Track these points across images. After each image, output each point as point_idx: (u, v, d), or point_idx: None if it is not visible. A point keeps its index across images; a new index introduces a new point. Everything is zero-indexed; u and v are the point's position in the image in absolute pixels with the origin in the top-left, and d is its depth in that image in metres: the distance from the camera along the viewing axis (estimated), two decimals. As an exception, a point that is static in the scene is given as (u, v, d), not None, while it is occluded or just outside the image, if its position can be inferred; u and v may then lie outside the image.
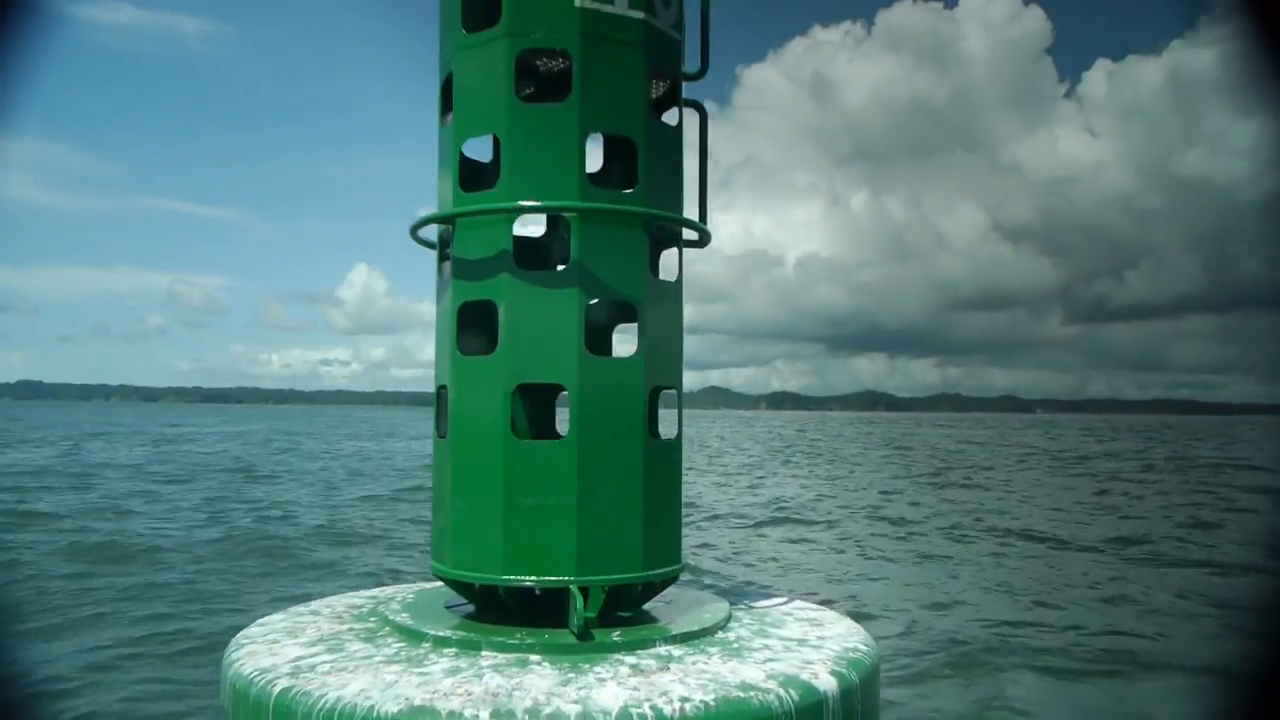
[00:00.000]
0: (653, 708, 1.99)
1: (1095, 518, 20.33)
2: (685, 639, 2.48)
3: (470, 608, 2.71)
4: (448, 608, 2.76)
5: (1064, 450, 51.33)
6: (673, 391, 2.79)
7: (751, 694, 2.09)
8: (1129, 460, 44.12)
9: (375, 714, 2.00)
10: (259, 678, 2.23)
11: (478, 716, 1.96)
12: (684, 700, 2.03)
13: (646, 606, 2.74)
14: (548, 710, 1.96)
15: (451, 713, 1.98)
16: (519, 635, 2.44)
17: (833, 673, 2.30)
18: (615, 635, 2.45)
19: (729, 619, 2.71)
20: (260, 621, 2.72)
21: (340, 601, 2.98)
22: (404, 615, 2.67)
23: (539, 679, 2.16)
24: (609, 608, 2.55)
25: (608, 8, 2.60)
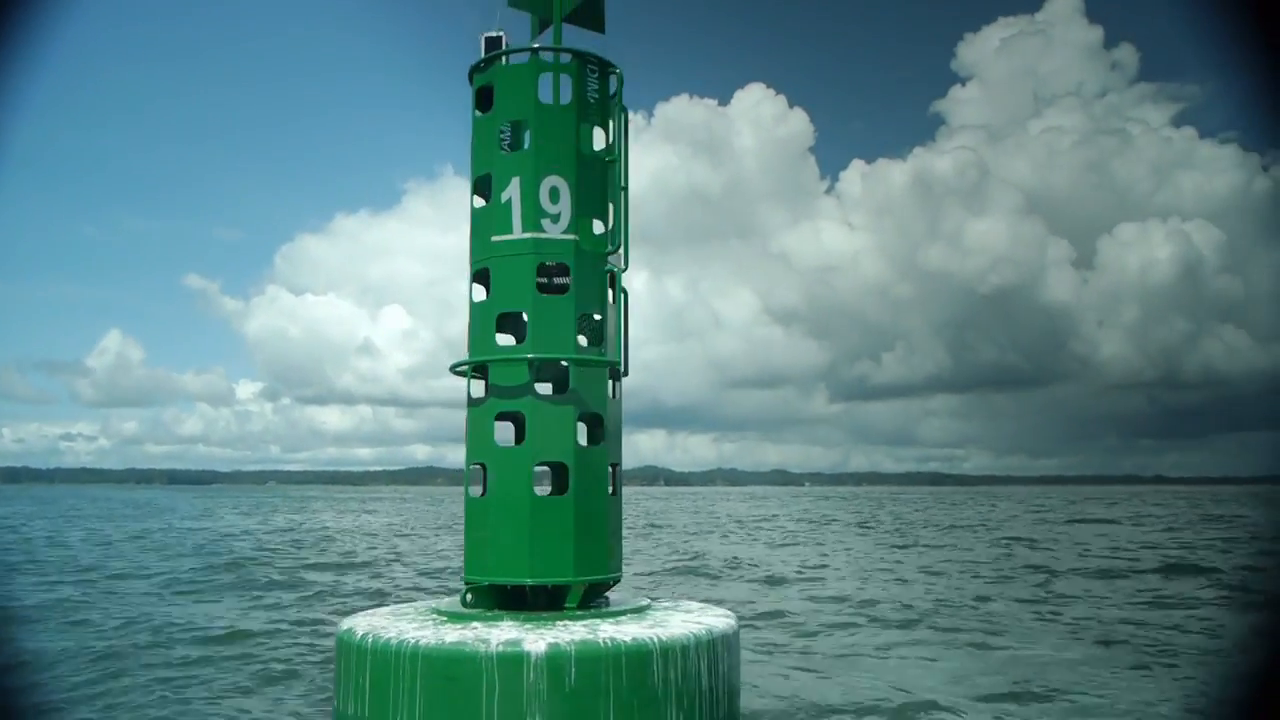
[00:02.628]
0: (580, 640, 4.75)
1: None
2: (619, 614, 5.46)
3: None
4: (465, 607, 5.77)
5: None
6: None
7: (629, 636, 4.92)
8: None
9: (422, 644, 4.78)
10: (353, 632, 5.24)
11: (488, 641, 4.74)
12: (614, 638, 4.81)
13: (611, 596, 6.08)
14: (532, 639, 4.75)
15: (479, 640, 4.74)
16: (523, 615, 5.31)
17: (692, 632, 5.16)
18: (579, 611, 5.43)
19: (649, 608, 5.74)
20: (350, 618, 5.70)
21: (389, 609, 5.94)
22: (444, 603, 5.83)
23: (531, 630, 4.92)
24: (586, 597, 5.67)
25: (588, 243, 5.52)
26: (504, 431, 5.80)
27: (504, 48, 5.73)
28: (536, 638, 4.80)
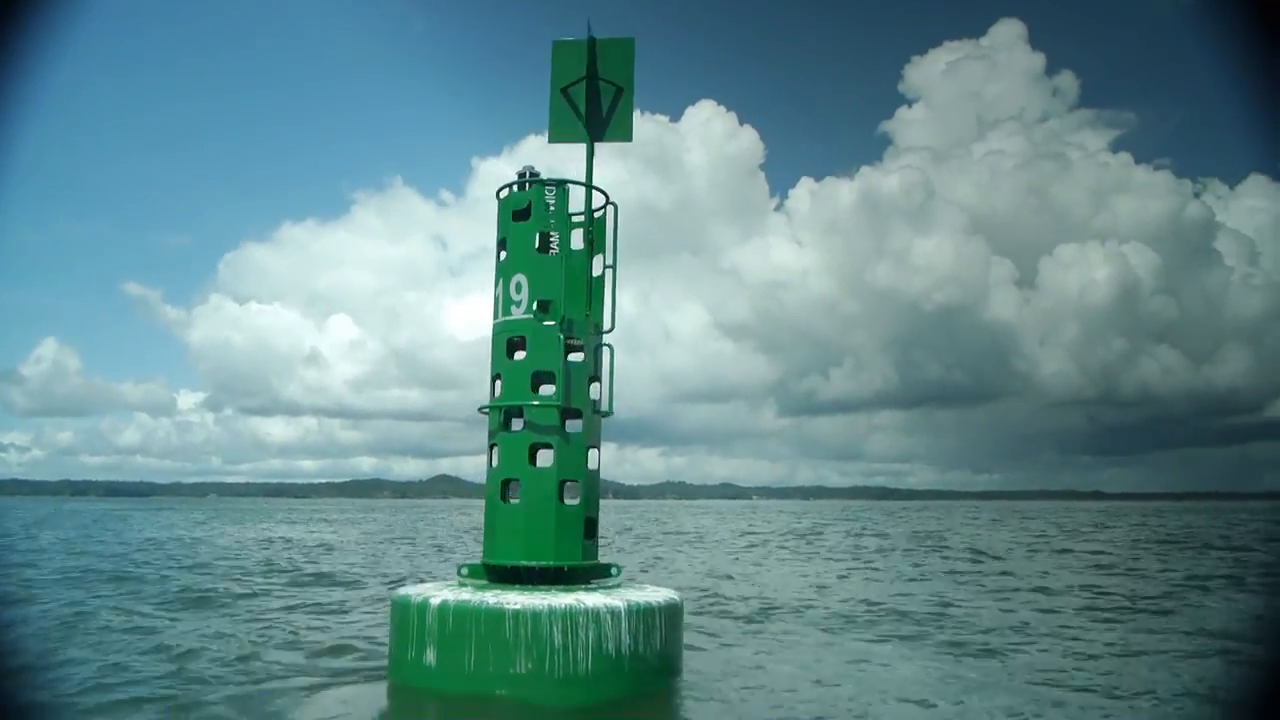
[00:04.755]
0: (571, 605, 6.32)
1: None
2: (598, 590, 6.82)
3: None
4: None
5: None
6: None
7: (627, 603, 6.51)
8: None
9: (453, 602, 6.44)
10: (406, 597, 6.73)
11: (521, 603, 6.29)
12: (599, 605, 6.39)
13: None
14: (537, 602, 6.32)
15: (499, 603, 6.32)
16: (529, 587, 6.75)
17: (666, 599, 6.89)
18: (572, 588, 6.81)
19: (619, 587, 7.04)
20: (401, 588, 7.12)
21: (430, 583, 7.28)
22: (466, 575, 7.44)
23: (542, 596, 6.41)
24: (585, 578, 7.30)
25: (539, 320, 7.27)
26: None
27: (526, 177, 7.62)
28: (540, 599, 6.42)
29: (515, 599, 6.45)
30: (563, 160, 8.55)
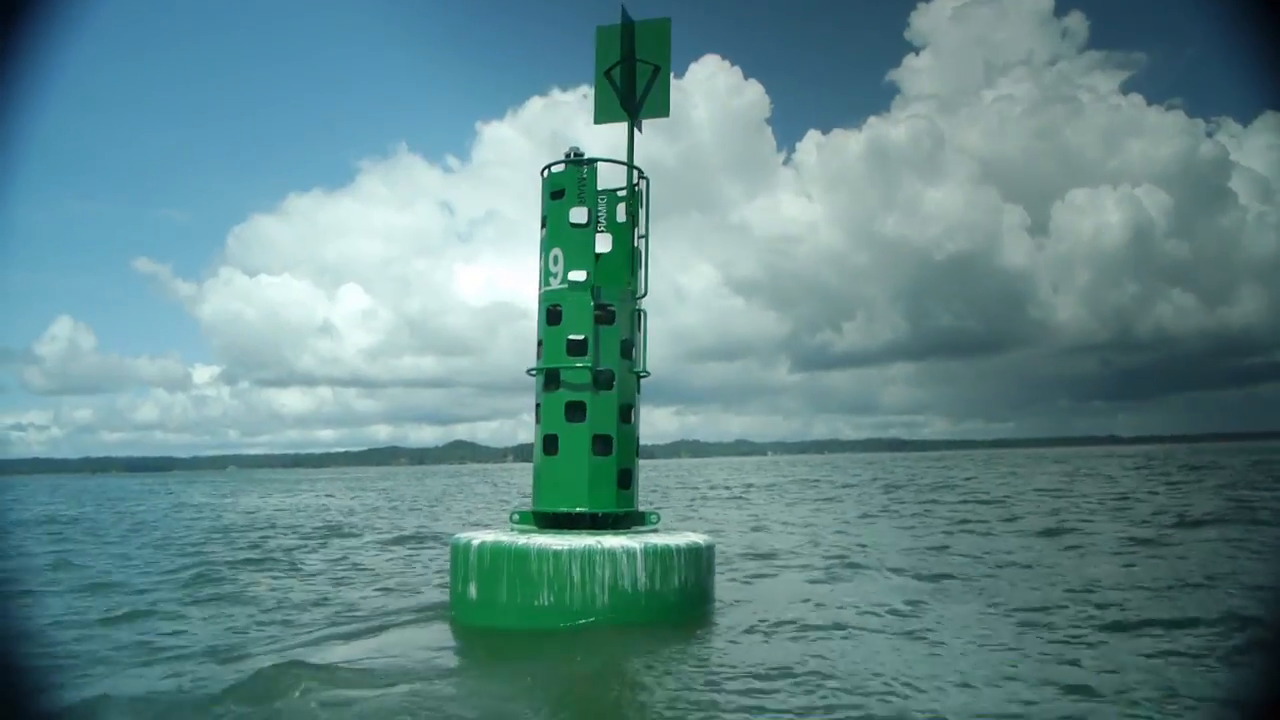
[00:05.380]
0: (590, 546, 7.22)
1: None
2: (636, 533, 7.83)
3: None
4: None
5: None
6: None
7: (644, 544, 7.32)
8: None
9: (504, 543, 7.36)
10: (458, 538, 7.82)
11: (544, 544, 7.25)
12: (617, 546, 7.23)
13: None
14: (583, 542, 7.24)
15: (527, 544, 7.28)
16: (570, 531, 7.70)
17: (688, 543, 7.63)
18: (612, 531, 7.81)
19: (657, 530, 8.16)
20: (460, 533, 8.02)
21: (482, 529, 8.32)
22: (517, 522, 8.33)
23: (570, 538, 7.35)
24: (621, 523, 8.13)
25: (574, 288, 8.10)
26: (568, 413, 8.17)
27: (572, 157, 8.28)
28: (566, 540, 7.34)
29: (542, 540, 7.30)
30: (599, 133, 9.24)
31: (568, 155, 8.35)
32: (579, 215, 8.21)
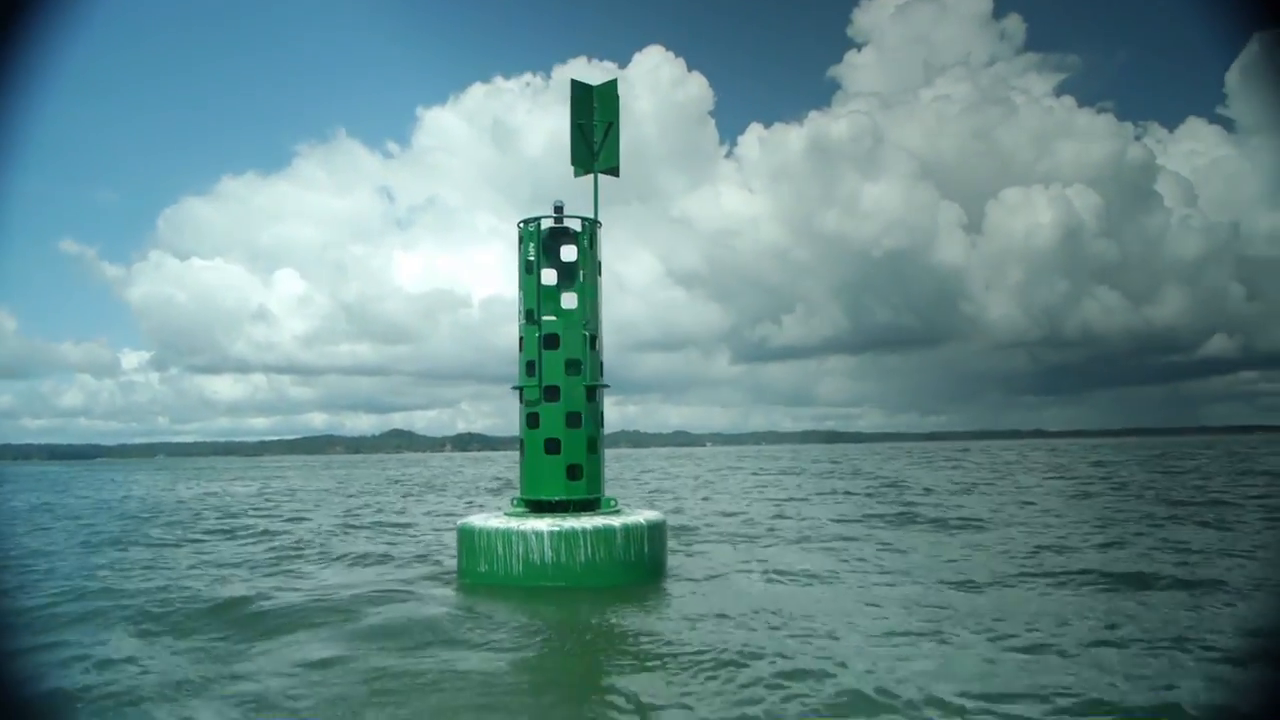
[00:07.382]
0: (556, 526, 9.12)
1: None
2: (601, 514, 9.60)
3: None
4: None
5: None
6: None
7: (600, 523, 9.22)
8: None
9: (500, 526, 9.25)
10: (470, 523, 9.62)
11: (527, 528, 9.13)
12: (576, 526, 9.14)
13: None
14: (562, 524, 9.13)
15: (511, 527, 9.18)
16: (552, 515, 9.50)
17: (623, 521, 9.37)
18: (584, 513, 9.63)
19: (619, 512, 9.82)
20: (465, 518, 9.97)
21: (484, 514, 10.09)
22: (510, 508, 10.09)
23: (546, 520, 9.21)
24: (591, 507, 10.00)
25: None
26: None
27: (557, 213, 10.18)
28: (542, 523, 9.17)
29: (524, 524, 9.17)
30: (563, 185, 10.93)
31: (556, 209, 10.17)
32: (549, 277, 10.17)
